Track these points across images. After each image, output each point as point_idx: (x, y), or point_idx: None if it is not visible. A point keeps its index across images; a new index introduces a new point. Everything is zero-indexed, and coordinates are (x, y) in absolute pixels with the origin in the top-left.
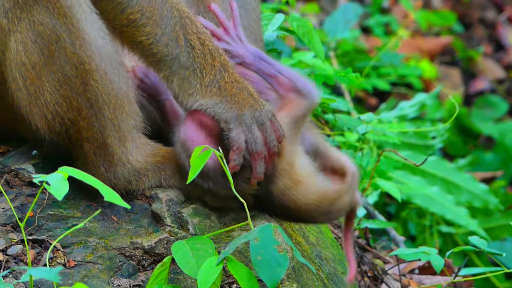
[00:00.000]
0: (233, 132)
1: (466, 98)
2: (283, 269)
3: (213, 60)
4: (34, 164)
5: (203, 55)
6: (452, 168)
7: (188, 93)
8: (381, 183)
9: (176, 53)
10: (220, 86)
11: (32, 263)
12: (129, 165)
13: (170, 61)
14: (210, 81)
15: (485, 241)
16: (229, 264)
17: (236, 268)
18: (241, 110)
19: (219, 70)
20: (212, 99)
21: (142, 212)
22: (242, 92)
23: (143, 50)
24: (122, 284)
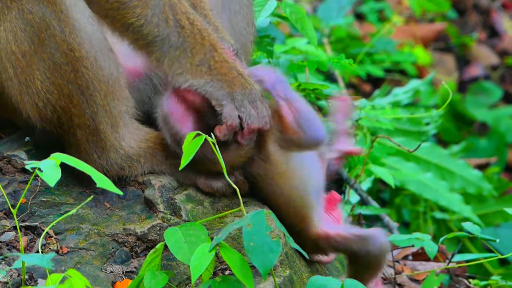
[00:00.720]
0: (226, 108)
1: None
2: (275, 255)
3: (203, 40)
4: (26, 151)
5: (192, 34)
6: (446, 155)
7: (178, 72)
8: (375, 169)
9: (166, 33)
10: (210, 65)
11: (24, 250)
12: (122, 151)
13: (160, 42)
14: (200, 60)
15: (478, 227)
16: (222, 250)
17: (228, 254)
18: (231, 89)
19: (209, 50)
20: (202, 78)
21: (135, 199)
22: (231, 72)
23: (134, 33)
24: (115, 271)
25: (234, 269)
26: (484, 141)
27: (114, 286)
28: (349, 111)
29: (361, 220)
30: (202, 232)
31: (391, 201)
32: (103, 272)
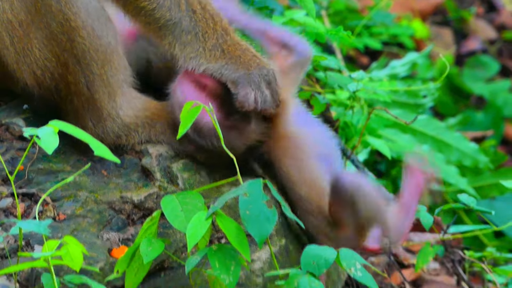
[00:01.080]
0: (241, 92)
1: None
2: (271, 224)
3: (215, 24)
4: (24, 118)
5: (204, 19)
6: (442, 127)
7: (190, 56)
8: (372, 141)
9: (178, 18)
10: (224, 49)
11: (21, 216)
12: (119, 120)
13: (172, 26)
14: (213, 45)
15: (474, 199)
16: (218, 218)
17: (225, 223)
18: (248, 69)
19: (221, 34)
20: (217, 62)
21: (132, 167)
22: (246, 53)
23: (146, 17)
24: (111, 238)
25: (230, 238)
26: (481, 115)
27: (111, 253)
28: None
29: None
30: (199, 201)
31: (387, 173)
32: (99, 239)
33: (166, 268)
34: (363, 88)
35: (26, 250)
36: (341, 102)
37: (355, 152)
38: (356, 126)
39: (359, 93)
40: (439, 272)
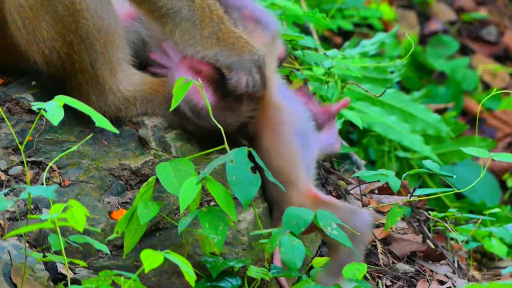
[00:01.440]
0: (235, 77)
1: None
2: (255, 188)
3: (211, 13)
4: (33, 94)
5: (202, 8)
6: (408, 100)
7: (189, 43)
8: (345, 113)
9: (179, 6)
10: (219, 37)
11: (30, 182)
12: (119, 94)
13: (173, 14)
14: (209, 33)
15: (437, 164)
16: (208, 183)
17: (213, 187)
18: (240, 56)
19: (216, 23)
20: (213, 49)
21: (130, 137)
22: (239, 40)
23: (149, 5)
24: (111, 201)
25: (219, 200)
26: (442, 89)
27: (111, 215)
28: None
29: (332, 157)
30: (190, 167)
31: (359, 142)
32: (100, 203)
33: (161, 228)
34: (337, 65)
35: (35, 213)
36: (317, 78)
37: None
38: (331, 99)
39: (333, 70)
40: (407, 231)
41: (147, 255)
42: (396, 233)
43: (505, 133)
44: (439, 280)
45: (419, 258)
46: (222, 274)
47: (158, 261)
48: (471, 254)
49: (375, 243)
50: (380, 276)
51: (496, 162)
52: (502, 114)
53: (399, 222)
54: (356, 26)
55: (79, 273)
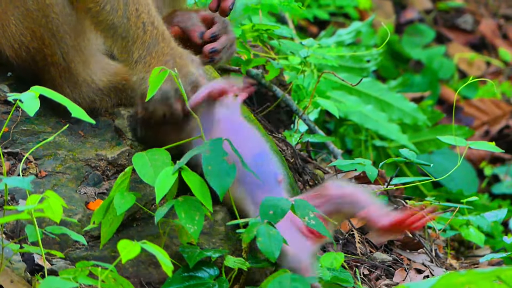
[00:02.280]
0: (150, 107)
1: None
2: (231, 178)
3: (144, 34)
4: (9, 85)
5: (135, 27)
6: (384, 89)
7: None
8: (321, 102)
9: (115, 23)
10: (146, 62)
11: (7, 174)
12: (93, 85)
13: (110, 31)
14: (138, 57)
15: (414, 153)
16: (183, 173)
17: (189, 177)
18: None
19: (147, 46)
20: (138, 75)
21: (106, 127)
22: (167, 65)
23: (92, 18)
24: (88, 192)
25: (194, 191)
26: (419, 77)
27: (88, 206)
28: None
29: (309, 147)
30: (166, 157)
31: (335, 131)
32: (77, 194)
33: (138, 219)
34: (313, 54)
35: (11, 204)
36: (294, 67)
37: (307, 112)
38: (307, 89)
39: (310, 59)
40: None
41: (124, 245)
42: None
43: (482, 121)
44: (416, 269)
45: (397, 247)
46: (200, 264)
47: (135, 252)
48: (449, 242)
49: (353, 232)
50: (357, 265)
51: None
52: (478, 103)
53: None
54: (332, 15)
55: (56, 264)
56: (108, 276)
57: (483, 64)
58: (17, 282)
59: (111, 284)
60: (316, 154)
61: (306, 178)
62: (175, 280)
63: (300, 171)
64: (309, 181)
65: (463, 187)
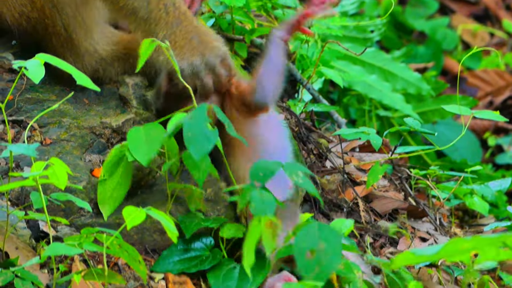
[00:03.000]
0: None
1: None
2: (211, 143)
3: (167, 16)
4: (13, 53)
5: (157, 9)
6: (388, 59)
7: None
8: (325, 71)
9: (136, 7)
10: (171, 40)
11: (12, 141)
12: (96, 55)
13: (133, 15)
14: (163, 37)
15: (418, 122)
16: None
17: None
18: (189, 60)
19: (171, 26)
20: (164, 54)
21: (111, 95)
22: (192, 41)
23: (113, 4)
24: (93, 159)
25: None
26: (422, 48)
27: (92, 173)
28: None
29: (313, 116)
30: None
31: (339, 101)
32: (82, 161)
33: (143, 186)
34: (317, 24)
35: (16, 171)
36: (297, 37)
37: (311, 81)
38: (311, 58)
39: (314, 28)
40: (388, 189)
41: (129, 212)
42: (378, 190)
43: (486, 92)
44: (421, 237)
45: (401, 215)
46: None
47: (141, 218)
48: (453, 211)
49: (357, 200)
50: (362, 233)
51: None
52: (482, 73)
53: (380, 180)
54: None
55: (61, 231)
56: (113, 243)
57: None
58: (22, 248)
59: (116, 250)
60: (320, 123)
61: (310, 147)
62: (171, 253)
63: (304, 140)
64: (313, 150)
65: (467, 157)
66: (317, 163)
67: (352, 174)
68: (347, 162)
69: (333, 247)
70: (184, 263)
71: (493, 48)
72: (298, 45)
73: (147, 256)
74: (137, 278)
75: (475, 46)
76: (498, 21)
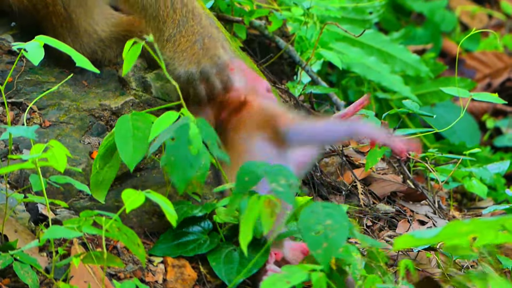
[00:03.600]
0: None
1: None
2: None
3: (174, 13)
4: (13, 35)
5: (164, 7)
6: (387, 40)
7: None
8: (324, 53)
9: (145, 5)
10: (175, 41)
11: (11, 123)
12: (95, 35)
13: (142, 12)
14: (168, 36)
15: (417, 104)
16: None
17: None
18: (186, 67)
19: (177, 24)
20: (167, 54)
21: (110, 77)
22: (194, 46)
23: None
24: (92, 142)
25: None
26: (421, 30)
27: (91, 156)
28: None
29: (312, 98)
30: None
31: (338, 83)
32: (81, 143)
33: (142, 169)
34: (316, 6)
35: (15, 154)
36: (296, 18)
37: (309, 63)
38: (310, 40)
39: (312, 10)
40: (387, 171)
41: (128, 195)
42: (376, 173)
43: (484, 74)
44: (419, 220)
45: (400, 198)
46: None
47: (140, 201)
48: (452, 194)
49: (355, 183)
50: (360, 216)
51: (475, 104)
52: (481, 55)
53: (379, 162)
54: None
55: (60, 214)
56: (112, 226)
57: (485, 17)
58: (21, 231)
59: (115, 233)
60: (319, 105)
61: None
62: (168, 236)
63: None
64: None
65: (465, 139)
66: None
67: (351, 156)
68: (346, 144)
69: (339, 222)
70: (181, 247)
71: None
72: (297, 27)
73: (146, 240)
74: (136, 261)
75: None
76: (497, 3)
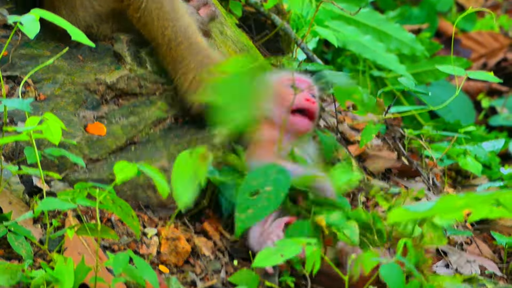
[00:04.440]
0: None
1: None
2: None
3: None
4: (8, 9)
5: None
6: (383, 19)
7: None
8: (320, 31)
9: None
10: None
11: (6, 96)
12: (91, 10)
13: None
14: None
15: (412, 82)
16: None
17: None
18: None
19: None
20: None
21: (105, 52)
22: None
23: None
24: (87, 116)
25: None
26: (417, 10)
27: (86, 129)
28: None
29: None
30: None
31: (333, 61)
32: (76, 117)
33: (136, 142)
34: None
35: (10, 126)
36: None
37: (305, 41)
38: (305, 18)
39: None
40: (382, 148)
41: (121, 167)
42: (371, 150)
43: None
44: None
45: (394, 175)
46: None
47: (132, 172)
48: (446, 171)
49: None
50: (355, 192)
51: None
52: (476, 35)
53: (374, 139)
54: None
55: (55, 186)
56: (107, 198)
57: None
58: (16, 203)
59: (109, 205)
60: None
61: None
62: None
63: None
64: None
65: (460, 118)
66: None
67: (346, 133)
68: (341, 121)
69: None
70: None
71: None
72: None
73: (140, 212)
74: (130, 233)
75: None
76: None
